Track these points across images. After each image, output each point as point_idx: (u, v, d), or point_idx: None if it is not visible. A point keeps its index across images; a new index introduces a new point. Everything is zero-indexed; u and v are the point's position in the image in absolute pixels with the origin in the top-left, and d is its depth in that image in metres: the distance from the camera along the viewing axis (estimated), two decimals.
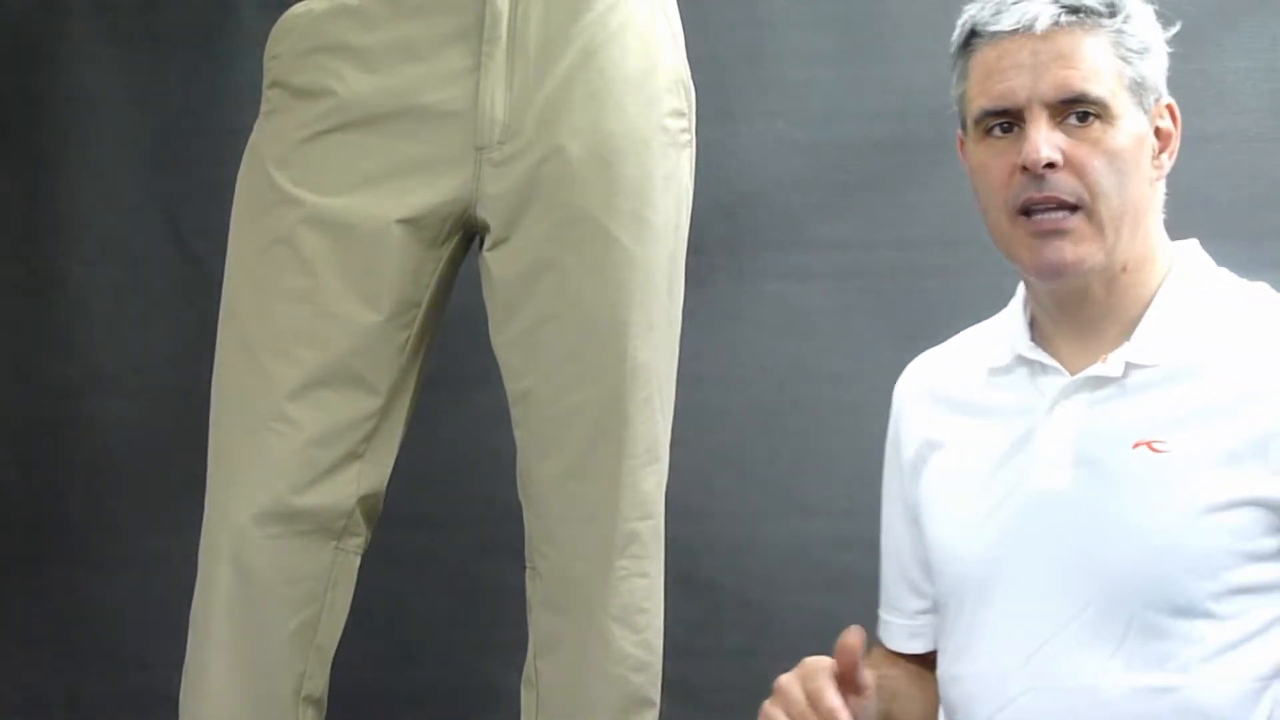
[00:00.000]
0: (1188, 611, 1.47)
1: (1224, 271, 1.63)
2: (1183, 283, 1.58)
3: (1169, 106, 1.61)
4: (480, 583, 2.38)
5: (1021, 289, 1.67)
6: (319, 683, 1.78)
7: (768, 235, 2.45)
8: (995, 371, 1.64)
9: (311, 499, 1.75)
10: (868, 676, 1.48)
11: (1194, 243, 1.63)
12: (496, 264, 1.81)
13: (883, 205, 2.44)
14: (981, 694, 1.57)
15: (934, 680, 1.66)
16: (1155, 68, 1.59)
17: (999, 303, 2.43)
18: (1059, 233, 1.53)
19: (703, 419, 2.31)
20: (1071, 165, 1.53)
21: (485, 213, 1.79)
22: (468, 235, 1.83)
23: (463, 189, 1.78)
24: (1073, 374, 1.57)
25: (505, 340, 1.82)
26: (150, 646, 2.31)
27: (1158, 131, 1.59)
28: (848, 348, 2.43)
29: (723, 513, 2.39)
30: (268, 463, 1.74)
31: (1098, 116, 1.54)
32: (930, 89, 2.46)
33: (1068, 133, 1.54)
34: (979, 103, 1.57)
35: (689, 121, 1.86)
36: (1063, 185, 1.53)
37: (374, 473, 1.79)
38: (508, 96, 1.77)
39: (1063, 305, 1.59)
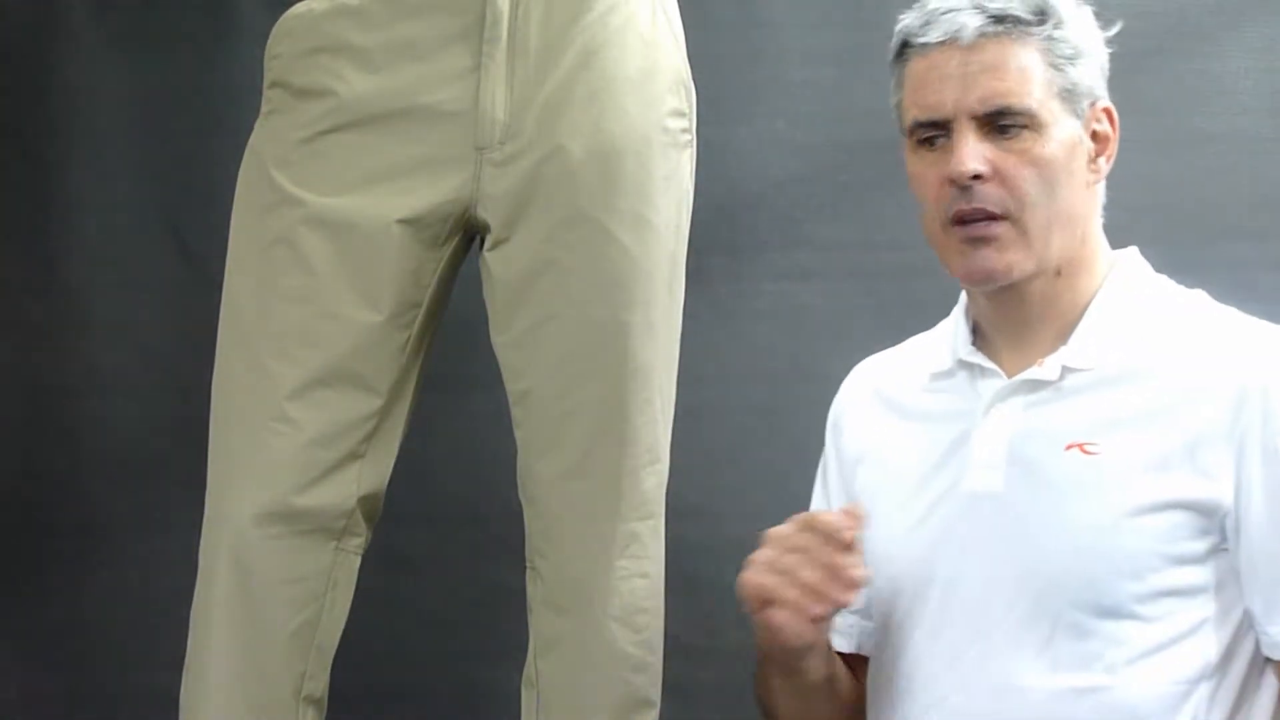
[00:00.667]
0: (1113, 612, 1.49)
1: (1162, 278, 1.64)
2: (1120, 288, 1.59)
3: (1106, 110, 1.61)
4: (480, 583, 2.38)
5: (964, 295, 1.69)
6: (319, 683, 1.78)
7: (768, 235, 2.45)
8: (936, 376, 1.66)
9: (312, 499, 1.75)
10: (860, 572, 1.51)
11: (1133, 250, 1.65)
12: (497, 264, 1.81)
13: (883, 205, 2.44)
14: (912, 692, 1.59)
15: (849, 684, 1.68)
16: (1089, 72, 1.59)
17: None
18: (986, 240, 1.56)
19: (703, 419, 2.31)
20: (999, 176, 1.55)
21: (486, 213, 1.79)
22: (468, 235, 1.83)
23: (463, 189, 1.78)
24: (1010, 377, 1.59)
25: (506, 340, 1.82)
26: (150, 646, 2.30)
27: (1094, 135, 1.60)
28: (848, 348, 2.42)
29: (723, 513, 2.39)
30: (268, 463, 1.74)
31: (1025, 127, 1.55)
32: None
33: (996, 143, 1.56)
34: (911, 113, 1.60)
35: (690, 122, 1.86)
36: (990, 196, 1.55)
37: (374, 473, 1.79)
38: (508, 96, 1.77)
39: (999, 309, 1.61)
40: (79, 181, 2.46)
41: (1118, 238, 1.68)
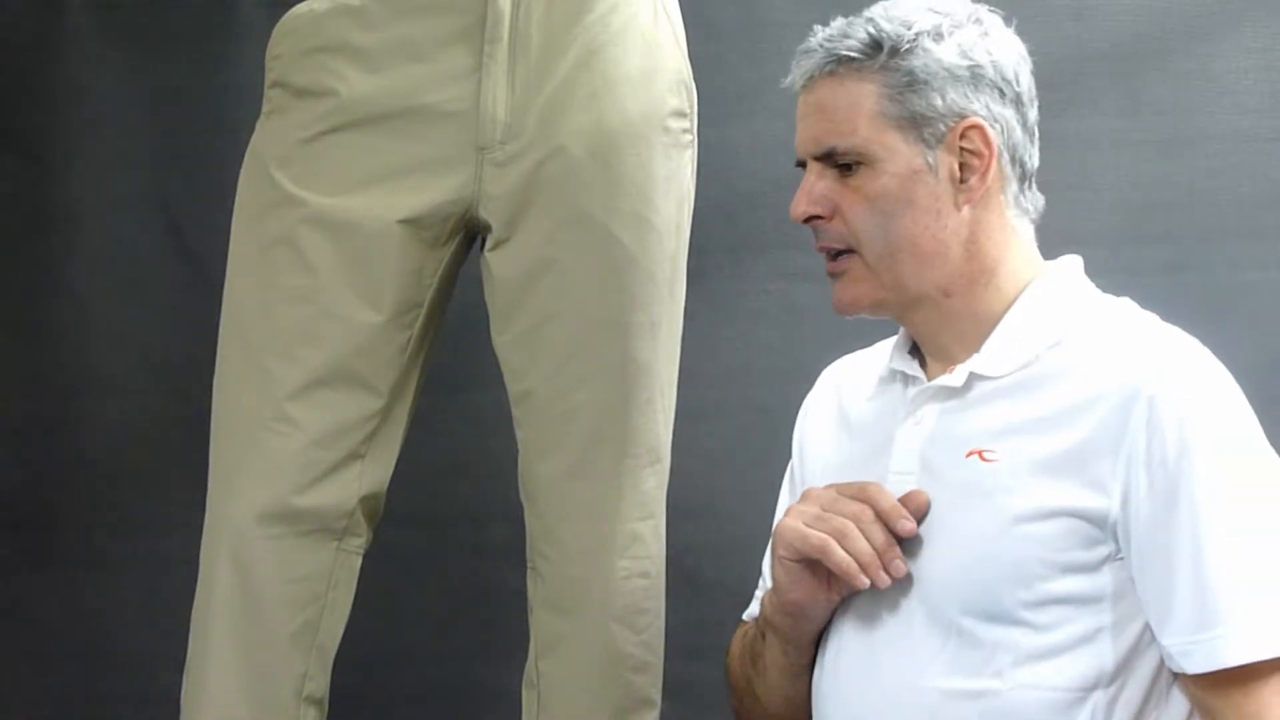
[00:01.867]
0: (1001, 618, 1.49)
1: (1089, 287, 1.63)
2: (1039, 298, 1.59)
3: (973, 127, 1.57)
4: (480, 583, 2.38)
5: None
6: (320, 683, 1.78)
7: (768, 235, 2.44)
8: (881, 380, 1.67)
9: (313, 499, 1.75)
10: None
11: (1070, 259, 1.64)
12: (498, 264, 1.81)
13: None
14: (831, 698, 1.59)
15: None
16: (937, 95, 1.57)
17: None
18: (836, 275, 1.62)
19: (703, 419, 2.31)
20: (839, 213, 1.59)
21: (487, 213, 1.79)
22: (469, 235, 1.83)
23: (464, 189, 1.78)
24: (928, 383, 1.60)
25: (506, 340, 1.82)
26: (150, 646, 2.31)
27: (963, 152, 1.57)
28: (848, 348, 2.42)
29: (723, 513, 2.39)
30: (269, 463, 1.74)
31: (859, 162, 1.57)
32: None
33: (835, 181, 1.59)
34: None
35: (691, 122, 1.86)
36: (830, 234, 1.60)
37: (375, 473, 1.79)
38: (509, 96, 1.77)
39: (908, 328, 1.64)
40: (79, 182, 2.46)
41: (1117, 238, 1.68)
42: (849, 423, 1.69)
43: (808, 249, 2.45)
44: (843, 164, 1.58)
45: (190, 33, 2.47)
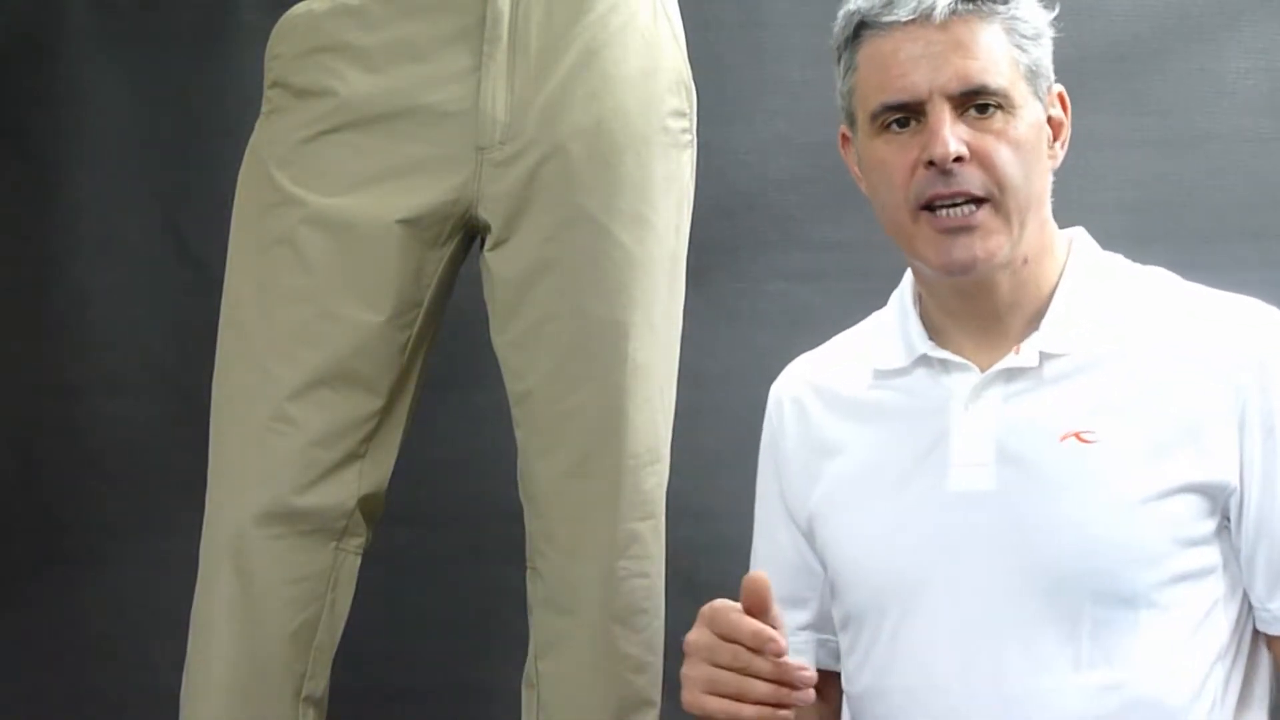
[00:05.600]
0: (1132, 603, 1.46)
1: (1117, 256, 1.61)
2: (1083, 270, 1.56)
3: (1060, 94, 1.57)
4: (480, 583, 2.38)
5: (907, 288, 1.65)
6: (320, 683, 1.78)
7: (768, 235, 2.44)
8: (887, 374, 1.60)
9: (312, 499, 1.75)
10: (777, 614, 1.43)
11: (1081, 230, 1.61)
12: (497, 264, 1.81)
13: None
14: (912, 708, 1.53)
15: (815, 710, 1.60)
16: (1047, 53, 1.56)
17: None
18: (967, 229, 1.50)
19: (703, 419, 2.31)
20: (978, 157, 1.50)
21: (486, 213, 1.79)
22: (469, 235, 1.83)
23: (464, 189, 1.78)
24: (983, 370, 1.54)
25: (506, 340, 1.82)
26: (150, 646, 2.31)
27: (1049, 120, 1.56)
28: None
29: (723, 513, 2.37)
30: (269, 463, 1.75)
31: (999, 107, 1.51)
32: None
33: (970, 124, 1.51)
34: (876, 98, 1.53)
35: (690, 121, 1.86)
36: (971, 179, 1.50)
37: (375, 473, 1.79)
38: (509, 96, 1.77)
39: (967, 302, 1.56)
40: (79, 181, 2.46)
41: (1118, 238, 1.67)
42: (870, 411, 1.61)
43: (808, 249, 2.47)
44: (981, 106, 1.51)
45: (190, 33, 2.47)
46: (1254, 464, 1.47)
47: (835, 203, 2.45)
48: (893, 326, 1.63)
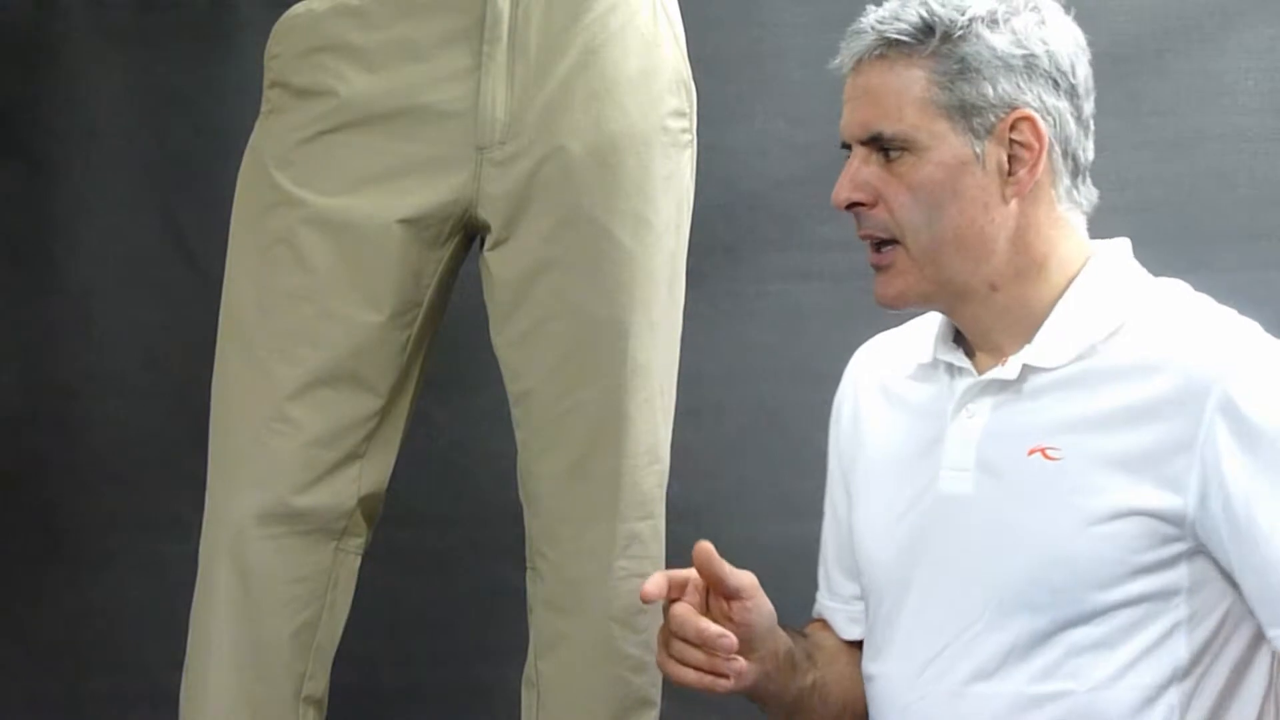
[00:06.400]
0: (1078, 621, 1.47)
1: (1140, 272, 1.60)
2: (1090, 286, 1.55)
3: (1024, 118, 1.53)
4: (480, 583, 2.38)
5: None
6: (320, 683, 1.78)
7: (768, 235, 2.45)
8: (921, 367, 1.64)
9: (312, 499, 1.75)
10: (740, 578, 1.56)
11: (1119, 242, 1.61)
12: (497, 264, 1.81)
13: None
14: (887, 696, 1.58)
15: (842, 683, 1.68)
16: (989, 85, 1.53)
17: None
18: (879, 268, 1.58)
19: (703, 419, 2.31)
20: (883, 201, 1.55)
21: (486, 213, 1.79)
22: (468, 235, 1.83)
23: (463, 189, 1.78)
24: (980, 376, 1.57)
25: (505, 340, 1.82)
26: (150, 646, 2.31)
27: (1013, 144, 1.54)
28: (848, 348, 2.42)
29: (723, 513, 2.39)
30: (268, 463, 1.74)
31: (905, 149, 1.54)
32: None
33: (883, 167, 1.55)
34: None
35: (690, 121, 1.86)
36: (873, 222, 1.57)
37: (374, 473, 1.79)
38: (509, 96, 1.77)
39: (955, 320, 1.60)
40: (79, 182, 2.46)
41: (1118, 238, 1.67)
42: (894, 402, 1.65)
43: (808, 249, 2.48)
44: (889, 150, 1.54)
45: (190, 33, 2.47)
46: (1228, 492, 1.44)
47: None
48: (937, 321, 1.65)
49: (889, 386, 1.67)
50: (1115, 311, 1.54)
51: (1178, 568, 1.47)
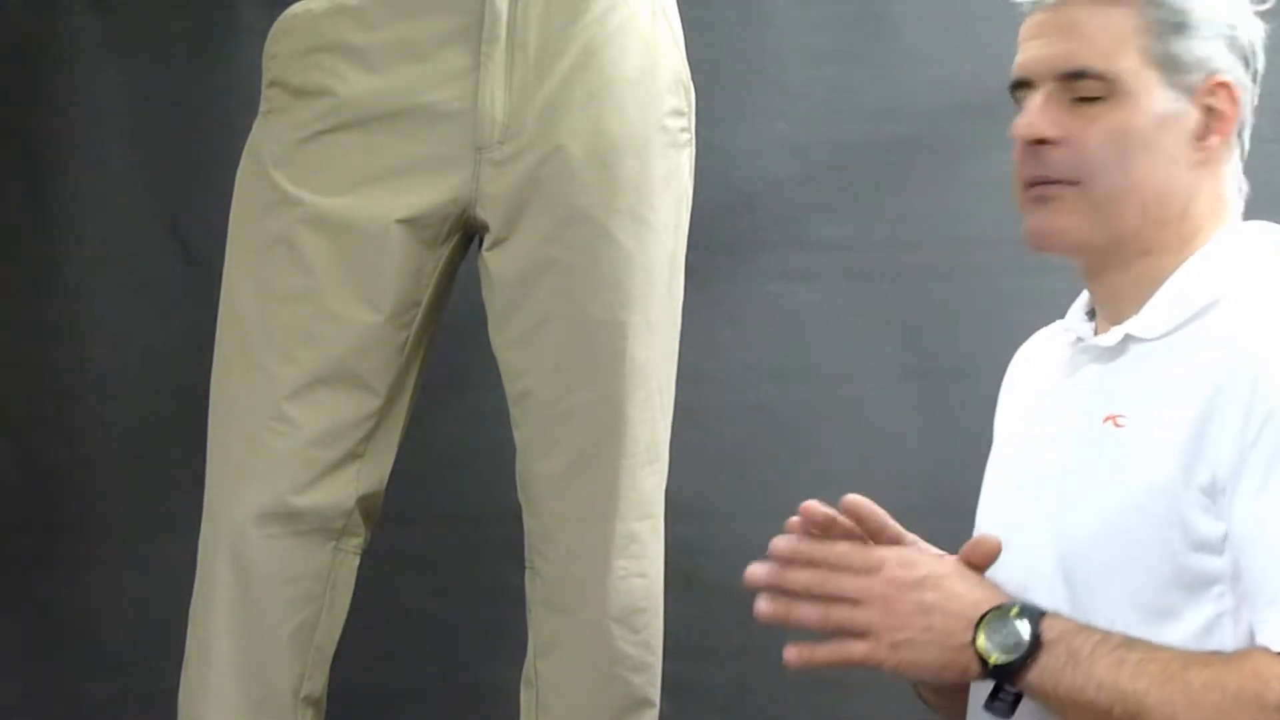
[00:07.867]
0: (1131, 603, 1.43)
1: (1266, 252, 1.55)
2: (1208, 261, 1.52)
3: (1223, 84, 1.51)
4: (480, 583, 2.38)
5: None
6: (318, 683, 1.78)
7: (768, 235, 2.45)
8: (1061, 344, 1.61)
9: (311, 499, 1.75)
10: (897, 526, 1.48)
11: (1261, 224, 1.57)
12: (496, 264, 1.81)
13: (883, 205, 2.44)
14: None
15: None
16: (1201, 44, 1.50)
17: (999, 302, 2.44)
18: (1043, 200, 1.50)
19: (703, 419, 2.31)
20: (1071, 141, 1.49)
21: (485, 213, 1.79)
22: (467, 235, 1.83)
23: (462, 189, 1.78)
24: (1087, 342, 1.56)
25: (505, 340, 1.82)
26: (150, 646, 2.31)
27: (1209, 110, 1.51)
28: (848, 348, 2.43)
29: (723, 513, 2.39)
30: (267, 463, 1.75)
31: (1105, 94, 1.49)
32: (930, 89, 2.48)
33: (1074, 107, 1.49)
34: (1012, 74, 1.54)
35: (689, 121, 1.86)
36: (1055, 163, 1.49)
37: (373, 472, 1.79)
38: (507, 96, 1.77)
39: (1089, 281, 1.56)
40: (79, 181, 2.47)
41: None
42: (1033, 375, 1.63)
43: (808, 249, 2.48)
44: (1085, 93, 1.49)
45: (190, 33, 2.47)
46: (1238, 477, 1.43)
47: (835, 203, 2.45)
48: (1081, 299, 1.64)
49: (1033, 365, 1.65)
50: (1215, 285, 1.50)
51: (1224, 552, 1.45)
